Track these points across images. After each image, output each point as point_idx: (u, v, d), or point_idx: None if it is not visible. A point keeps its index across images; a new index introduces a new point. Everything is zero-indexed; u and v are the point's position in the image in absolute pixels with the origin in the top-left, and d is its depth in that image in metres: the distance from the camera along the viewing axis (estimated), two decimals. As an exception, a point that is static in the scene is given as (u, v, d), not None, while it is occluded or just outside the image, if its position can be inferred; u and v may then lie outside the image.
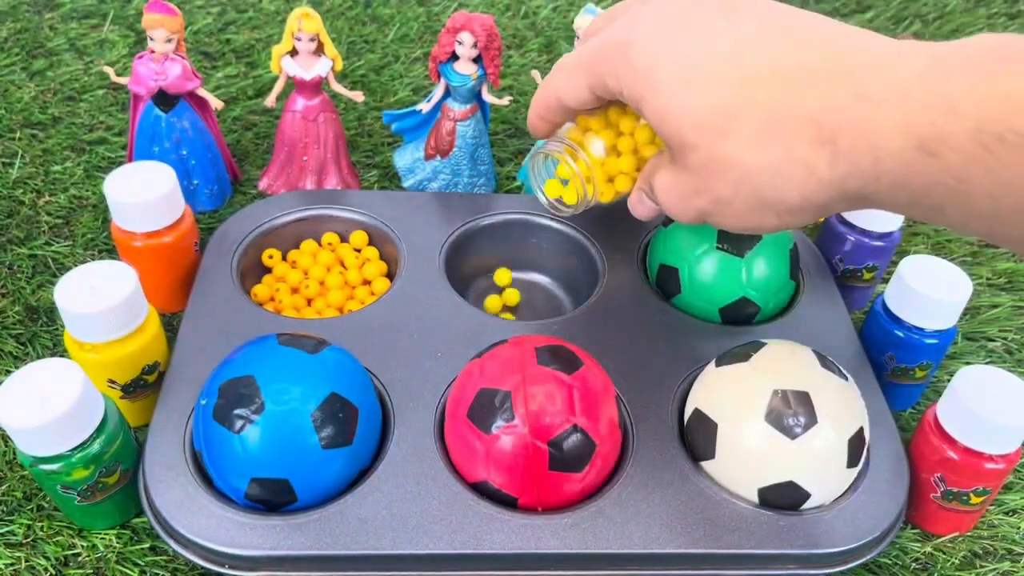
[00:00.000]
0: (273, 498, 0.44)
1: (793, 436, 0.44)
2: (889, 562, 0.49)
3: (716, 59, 0.36)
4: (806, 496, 0.46)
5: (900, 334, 0.54)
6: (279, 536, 0.43)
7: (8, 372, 0.53)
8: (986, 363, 0.62)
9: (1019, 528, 0.52)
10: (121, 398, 0.50)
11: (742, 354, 0.48)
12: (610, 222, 0.63)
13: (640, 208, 0.46)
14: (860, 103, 0.33)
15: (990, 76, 0.30)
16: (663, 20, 0.38)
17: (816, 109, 0.34)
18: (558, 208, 0.52)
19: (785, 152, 0.34)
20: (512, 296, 0.62)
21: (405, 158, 0.68)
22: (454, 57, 0.62)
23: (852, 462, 0.46)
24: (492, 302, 0.62)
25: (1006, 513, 0.52)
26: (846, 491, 0.47)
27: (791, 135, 0.34)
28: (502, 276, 0.64)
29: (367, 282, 0.62)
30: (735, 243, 0.55)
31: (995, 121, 0.29)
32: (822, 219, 0.64)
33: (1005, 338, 0.64)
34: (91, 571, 0.46)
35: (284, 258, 0.63)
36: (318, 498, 0.45)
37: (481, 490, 0.46)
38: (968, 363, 0.61)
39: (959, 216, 0.32)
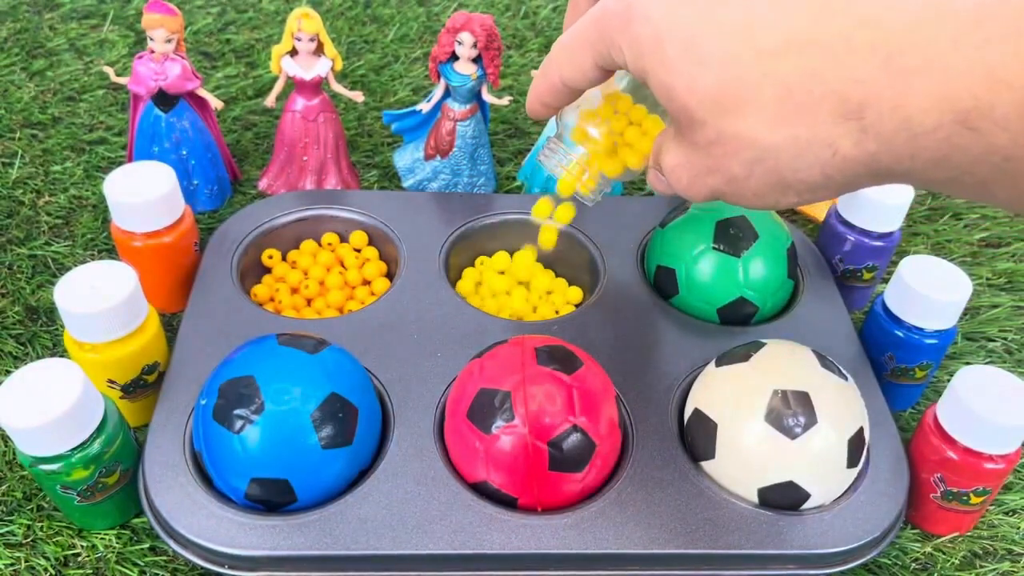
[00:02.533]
0: (273, 498, 0.44)
1: (793, 436, 0.44)
2: (889, 562, 0.49)
3: (726, 28, 0.33)
4: (806, 496, 0.46)
5: (900, 334, 0.54)
6: (279, 536, 0.43)
7: (8, 372, 0.53)
8: (986, 363, 0.61)
9: (1019, 528, 0.52)
10: (121, 398, 0.50)
11: (742, 354, 0.48)
12: (610, 222, 0.63)
13: (658, 185, 0.42)
14: (889, 74, 0.29)
15: None
16: None
17: (839, 81, 0.31)
18: (579, 199, 0.51)
19: (805, 129, 0.32)
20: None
21: (405, 158, 0.68)
22: (454, 57, 0.62)
23: (852, 462, 0.46)
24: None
25: (1006, 513, 0.52)
26: (846, 491, 0.47)
27: (812, 111, 0.31)
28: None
29: (367, 282, 0.62)
30: (731, 243, 0.55)
31: None
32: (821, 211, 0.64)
33: (1005, 338, 0.64)
34: (91, 571, 0.46)
35: (284, 258, 0.63)
36: (318, 498, 0.45)
37: (481, 490, 0.46)
38: (968, 363, 0.61)
39: (1006, 196, 0.30)
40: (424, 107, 0.65)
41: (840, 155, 0.32)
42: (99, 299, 0.47)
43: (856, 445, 0.46)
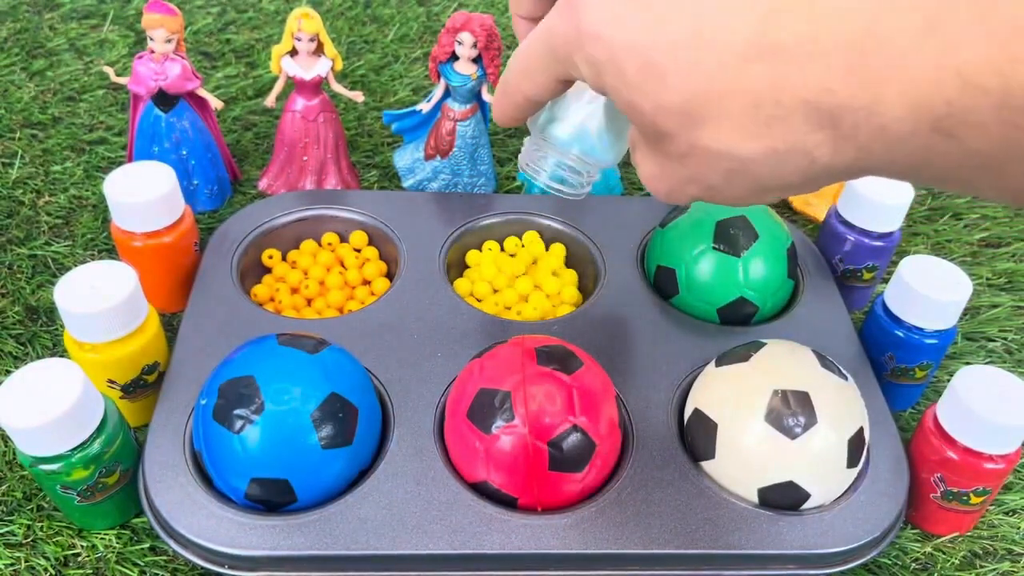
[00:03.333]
0: (273, 498, 0.44)
1: (793, 436, 0.44)
2: (889, 562, 0.49)
3: (680, 39, 0.31)
4: (806, 496, 0.46)
5: (900, 334, 0.54)
6: (279, 536, 0.43)
7: (8, 372, 0.53)
8: (986, 363, 0.61)
9: (1019, 528, 0.52)
10: (121, 398, 0.50)
11: (742, 354, 0.48)
12: (610, 222, 0.63)
13: None
14: (857, 81, 0.28)
15: (1013, 35, 0.25)
16: None
17: (808, 90, 0.29)
18: (564, 193, 0.51)
19: (782, 141, 0.31)
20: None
21: (405, 158, 0.68)
22: (454, 57, 0.62)
23: (852, 462, 0.46)
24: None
25: (1006, 513, 0.52)
26: (846, 491, 0.47)
27: (785, 121, 0.30)
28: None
29: (367, 282, 0.62)
30: (731, 243, 0.55)
31: None
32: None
33: (1005, 338, 0.64)
34: (91, 571, 0.46)
35: (284, 258, 0.63)
36: (318, 498, 0.45)
37: (481, 490, 0.46)
38: (968, 363, 0.61)
39: (992, 192, 0.29)
40: (424, 107, 0.65)
41: (818, 164, 0.31)
42: (99, 299, 0.47)
43: (856, 445, 0.46)
